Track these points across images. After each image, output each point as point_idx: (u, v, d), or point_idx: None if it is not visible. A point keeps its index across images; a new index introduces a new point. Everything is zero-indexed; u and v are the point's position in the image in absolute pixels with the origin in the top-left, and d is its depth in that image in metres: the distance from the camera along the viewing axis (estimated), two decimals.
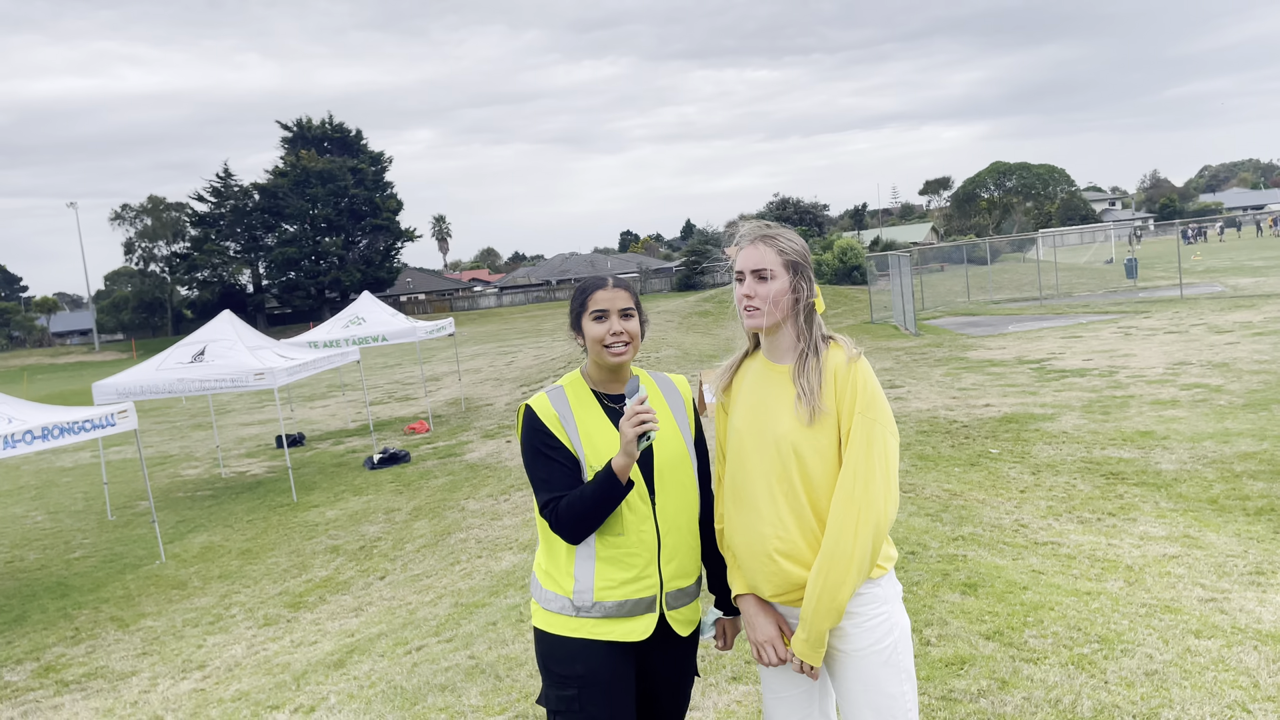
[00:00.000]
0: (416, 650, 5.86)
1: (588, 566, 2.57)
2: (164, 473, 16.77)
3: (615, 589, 2.56)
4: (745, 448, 2.54)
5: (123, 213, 72.09)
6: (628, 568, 2.57)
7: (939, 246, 47.47)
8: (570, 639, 2.57)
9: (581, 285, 2.72)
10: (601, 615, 2.57)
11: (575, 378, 2.71)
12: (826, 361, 2.48)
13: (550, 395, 2.65)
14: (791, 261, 2.51)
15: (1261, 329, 18.31)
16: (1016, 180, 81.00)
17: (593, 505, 2.49)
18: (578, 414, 2.62)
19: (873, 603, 2.46)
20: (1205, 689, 4.07)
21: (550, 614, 2.62)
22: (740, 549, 2.57)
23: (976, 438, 11.27)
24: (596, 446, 2.59)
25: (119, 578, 10.49)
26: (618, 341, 2.60)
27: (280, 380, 13.13)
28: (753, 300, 2.49)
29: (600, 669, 2.55)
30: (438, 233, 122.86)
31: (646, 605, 2.60)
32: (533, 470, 2.60)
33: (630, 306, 2.64)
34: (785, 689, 2.58)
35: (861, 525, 2.38)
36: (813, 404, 2.43)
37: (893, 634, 2.47)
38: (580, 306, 2.65)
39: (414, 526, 10.85)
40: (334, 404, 23.96)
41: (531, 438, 2.60)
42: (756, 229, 2.55)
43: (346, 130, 74.61)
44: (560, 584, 2.60)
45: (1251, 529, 7.26)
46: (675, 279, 69.29)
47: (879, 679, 2.44)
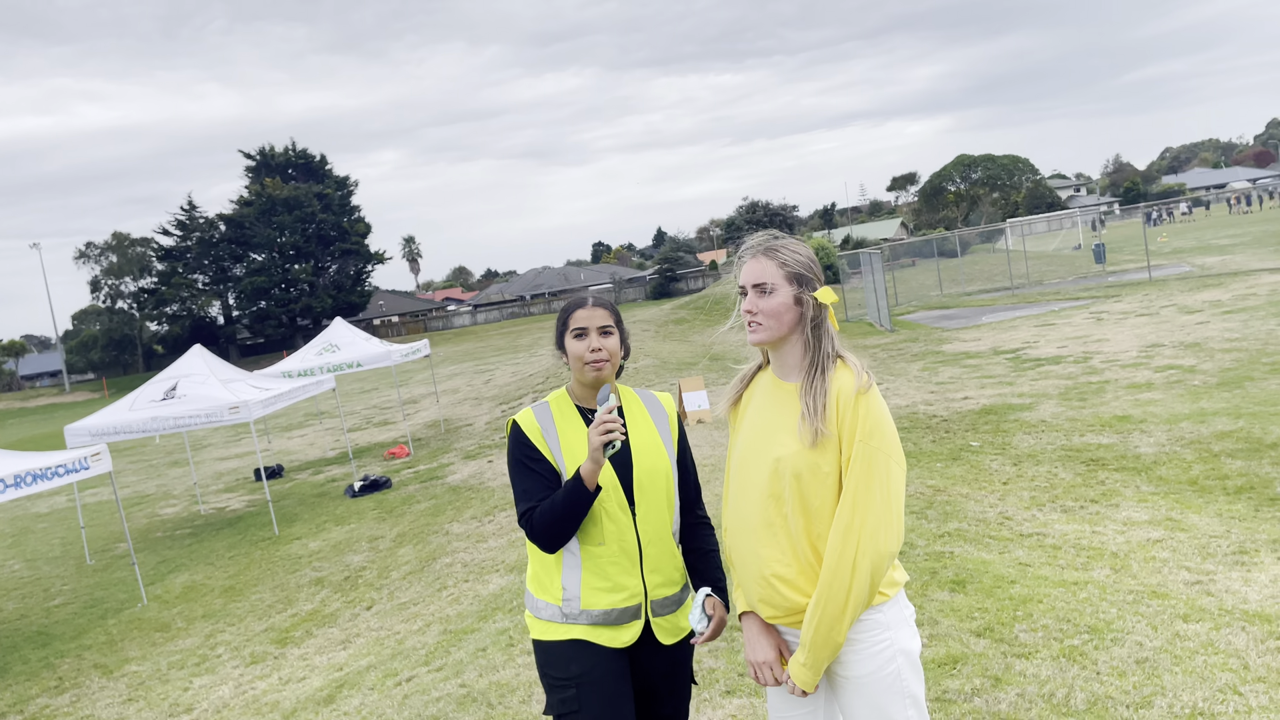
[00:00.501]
0: (406, 681, 5.79)
1: (574, 576, 2.69)
2: (142, 513, 16.56)
3: (601, 597, 2.67)
4: (748, 466, 2.49)
5: (87, 251, 71.36)
6: (611, 577, 2.68)
7: (909, 242, 47.78)
8: (562, 642, 2.68)
9: (565, 305, 2.83)
10: (589, 623, 2.67)
11: (561, 394, 2.83)
12: (833, 382, 2.38)
13: (535, 410, 2.79)
14: (795, 274, 2.42)
15: (1231, 307, 18.52)
16: (982, 172, 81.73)
17: (564, 511, 2.59)
18: (560, 427, 2.74)
19: (874, 629, 2.38)
20: (1196, 674, 4.08)
21: (542, 622, 2.73)
22: (739, 569, 2.53)
23: (957, 431, 11.31)
24: (576, 459, 2.69)
25: (101, 623, 10.33)
26: (596, 357, 2.71)
27: (256, 413, 13.00)
28: (754, 315, 2.42)
29: (594, 668, 2.65)
30: (408, 254, 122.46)
31: (632, 614, 2.70)
32: (515, 481, 2.73)
33: (609, 324, 2.75)
34: (789, 710, 2.54)
35: (860, 559, 2.29)
36: (816, 425, 2.33)
37: (896, 661, 2.38)
38: (563, 325, 2.78)
39: (399, 553, 10.75)
40: (311, 433, 23.76)
41: (515, 450, 2.74)
42: (760, 242, 2.49)
43: (311, 156, 74.24)
44: (550, 592, 2.72)
45: (1232, 508, 7.31)
46: (650, 288, 69.37)
47: (882, 705, 2.38)
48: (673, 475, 2.80)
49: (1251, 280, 22.47)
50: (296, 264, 70.30)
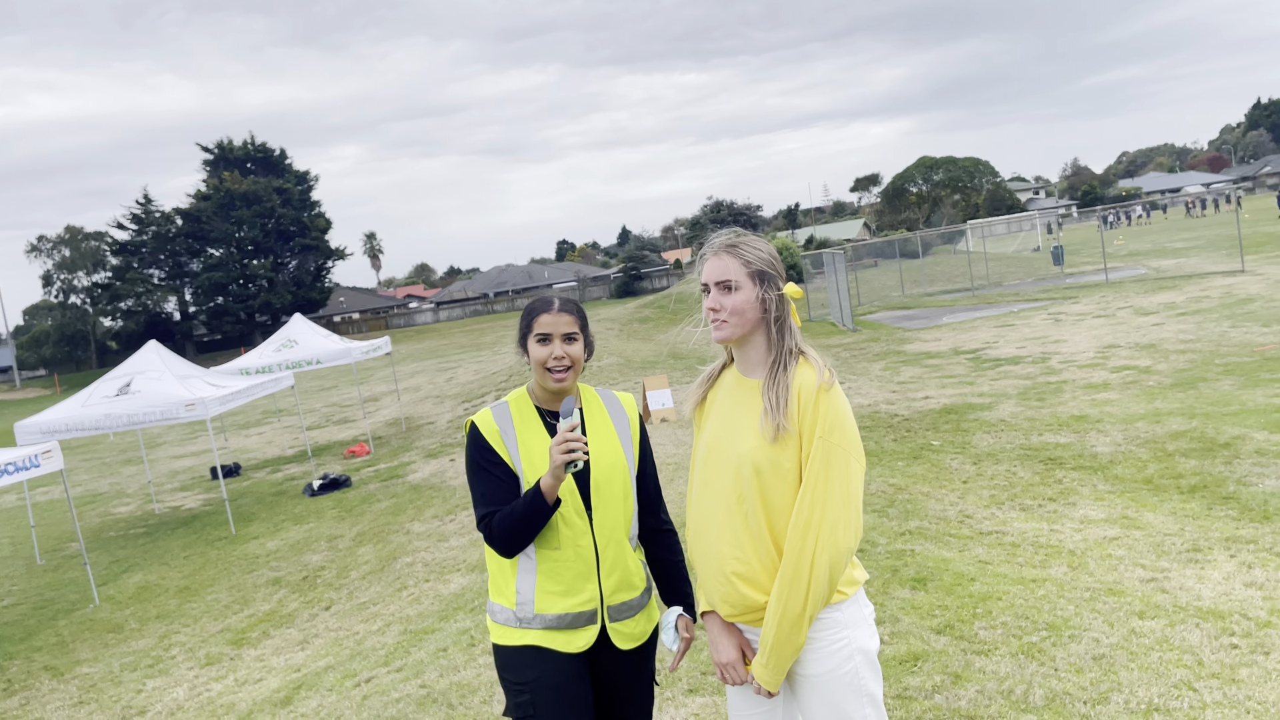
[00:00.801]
0: (366, 682, 5.72)
1: (529, 579, 2.65)
2: (94, 512, 16.24)
3: (555, 602, 2.63)
4: (711, 463, 2.49)
5: (39, 244, 69.86)
6: (566, 582, 2.63)
7: (872, 242, 48.15)
8: (517, 647, 2.64)
9: (529, 306, 2.77)
10: (542, 627, 2.63)
11: (521, 394, 2.78)
12: (795, 378, 2.39)
13: (494, 411, 2.73)
14: (758, 271, 2.43)
15: (1185, 309, 18.86)
16: (943, 174, 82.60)
17: (521, 522, 2.56)
18: (519, 430, 2.69)
19: (832, 628, 2.39)
20: (1152, 670, 4.13)
21: (498, 626, 2.70)
22: (700, 566, 2.52)
23: (918, 430, 11.40)
24: (535, 463, 2.65)
25: (51, 624, 10.11)
26: (559, 366, 2.66)
27: (212, 410, 12.79)
28: (718, 313, 2.43)
29: (550, 673, 2.61)
30: (369, 250, 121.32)
31: (587, 618, 2.65)
32: (473, 485, 2.68)
33: (574, 330, 2.68)
34: (749, 708, 2.53)
35: (819, 555, 2.29)
36: (777, 420, 2.34)
37: (853, 660, 2.38)
38: (526, 328, 2.72)
39: (358, 553, 10.63)
40: (270, 431, 23.46)
41: (473, 453, 2.68)
42: (723, 240, 2.49)
43: (270, 150, 73.31)
44: (505, 596, 2.68)
45: (1186, 507, 7.43)
46: (614, 286, 69.33)
47: (841, 704, 2.38)
48: (631, 479, 2.74)
49: (1205, 283, 22.90)
50: (255, 259, 69.36)
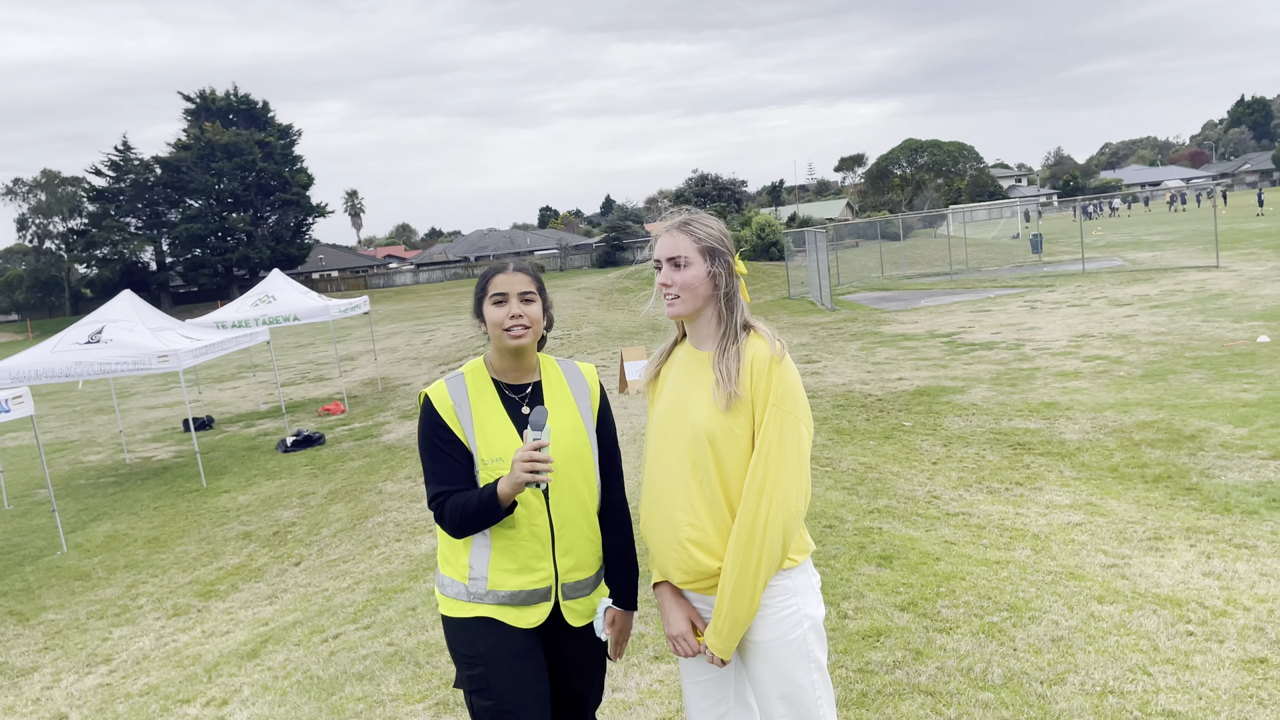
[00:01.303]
0: (333, 638, 5.75)
1: (482, 555, 2.59)
2: (64, 459, 16.13)
3: (509, 579, 2.58)
4: (665, 434, 2.54)
5: (15, 187, 68.73)
6: (520, 559, 2.58)
7: (854, 223, 48.24)
8: (469, 620, 2.59)
9: (484, 271, 2.71)
10: (494, 603, 2.58)
11: (477, 365, 2.70)
12: (745, 349, 2.47)
13: (449, 383, 2.65)
14: (708, 248, 2.50)
15: (1159, 302, 19.06)
16: (928, 157, 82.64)
17: (474, 517, 2.51)
18: (475, 404, 2.61)
19: (782, 595, 2.45)
20: (1108, 653, 4.22)
21: (448, 599, 2.64)
22: (653, 535, 2.56)
23: (891, 411, 11.50)
24: (489, 439, 2.58)
25: (17, 569, 10.07)
26: (516, 324, 2.58)
27: (186, 362, 12.70)
28: (670, 288, 2.50)
29: (501, 646, 2.57)
30: (351, 208, 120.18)
31: (541, 595, 2.60)
32: (425, 460, 2.61)
33: (530, 290, 2.62)
34: (700, 674, 2.60)
35: (772, 518, 2.37)
36: (730, 389, 2.42)
37: (801, 626, 2.46)
38: (481, 291, 2.65)
39: (330, 510, 10.64)
40: (244, 385, 23.32)
41: (426, 428, 2.60)
42: (675, 218, 2.56)
43: (253, 102, 72.25)
44: (456, 570, 2.62)
45: (1150, 496, 7.56)
46: (596, 255, 69.07)
47: (788, 670, 2.45)
48: (592, 456, 2.69)
49: (1180, 277, 23.12)
50: (234, 212, 68.55)
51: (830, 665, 4.17)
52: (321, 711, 4.38)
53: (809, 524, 6.29)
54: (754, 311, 16.61)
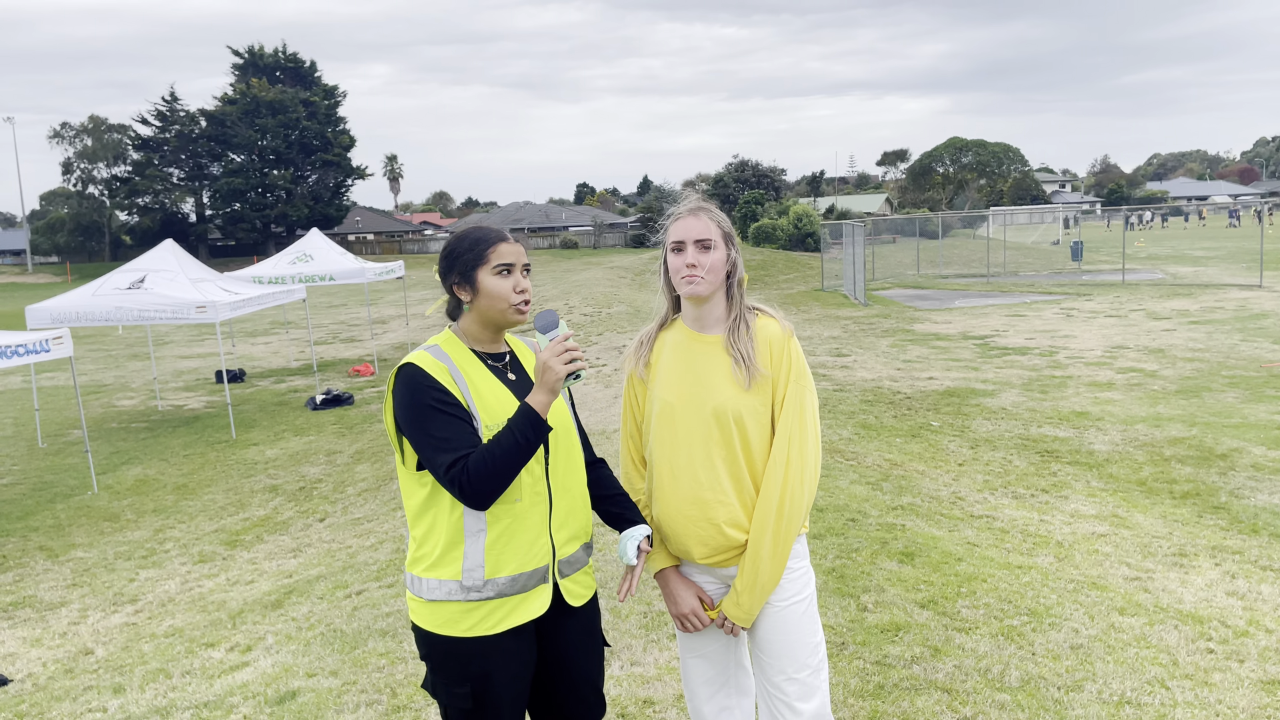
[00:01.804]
0: (357, 594, 5.84)
1: (477, 542, 2.36)
2: (98, 402, 16.40)
3: (507, 563, 2.38)
4: (677, 419, 2.58)
5: (62, 131, 69.48)
6: (519, 538, 2.39)
7: (892, 218, 47.85)
8: (463, 639, 2.36)
9: (474, 234, 2.48)
10: (494, 594, 2.37)
11: (448, 337, 2.50)
12: (759, 330, 2.59)
13: (431, 352, 2.44)
14: (726, 234, 2.62)
15: (1198, 318, 18.82)
16: (972, 156, 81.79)
17: (513, 454, 2.27)
18: (466, 372, 2.43)
19: (795, 558, 2.59)
20: (1127, 664, 4.22)
21: (435, 605, 2.38)
22: (674, 519, 2.58)
23: (919, 409, 11.46)
24: (489, 406, 2.39)
25: (49, 507, 10.28)
26: (523, 299, 2.45)
27: (222, 314, 12.87)
28: (696, 269, 2.55)
29: (499, 664, 2.39)
30: (390, 172, 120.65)
31: (540, 577, 2.43)
32: (428, 430, 2.31)
33: (529, 263, 2.51)
34: (705, 646, 2.68)
35: (798, 487, 2.52)
36: (751, 368, 2.52)
37: (809, 586, 2.62)
38: (477, 259, 2.42)
39: (355, 470, 10.77)
40: (277, 341, 23.57)
41: (422, 395, 2.33)
42: (697, 202, 2.65)
43: (300, 61, 72.57)
44: (444, 569, 2.37)
45: (1177, 512, 7.51)
46: (630, 235, 69.00)
47: (800, 628, 2.57)
48: (573, 420, 2.59)
49: (1221, 294, 22.81)
50: (276, 169, 69.01)
51: (848, 656, 4.20)
52: (345, 664, 4.46)
53: (832, 515, 6.31)
54: (786, 302, 16.52)
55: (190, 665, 5.08)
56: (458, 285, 2.46)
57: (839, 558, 5.46)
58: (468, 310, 2.48)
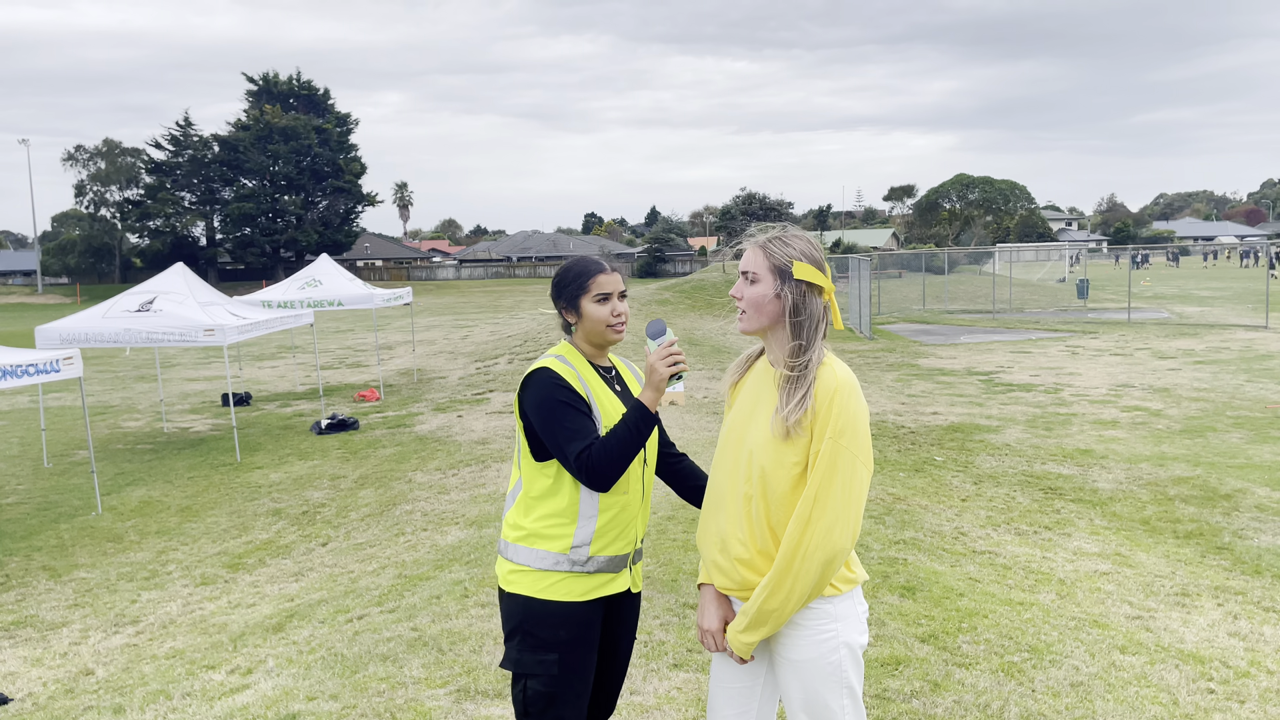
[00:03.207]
0: (358, 619, 5.85)
1: (589, 525, 2.68)
2: (104, 423, 16.46)
3: (610, 544, 2.71)
4: (727, 446, 2.59)
5: (76, 153, 70.18)
6: (622, 524, 2.73)
7: (899, 253, 47.99)
8: (560, 603, 2.66)
9: (578, 268, 2.81)
10: (595, 569, 2.69)
11: (570, 349, 2.82)
12: (820, 383, 2.42)
13: (560, 361, 2.77)
14: (779, 267, 2.47)
15: (1203, 357, 18.81)
16: (979, 193, 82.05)
17: (630, 443, 2.57)
18: (587, 379, 2.76)
19: (822, 619, 2.46)
20: (1127, 703, 4.22)
21: (540, 574, 2.68)
22: (704, 543, 2.62)
23: (922, 444, 11.47)
24: (605, 408, 2.73)
25: (53, 526, 10.30)
26: (620, 322, 2.77)
27: (230, 338, 12.94)
28: (739, 301, 2.53)
29: (583, 632, 2.68)
30: (399, 199, 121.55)
31: (628, 560, 2.78)
32: (560, 422, 2.62)
33: (625, 289, 2.83)
34: (732, 681, 2.63)
35: (813, 552, 2.35)
36: (786, 418, 2.39)
37: (839, 652, 2.46)
38: (580, 289, 2.76)
39: (359, 495, 10.78)
40: (283, 365, 23.65)
41: (554, 392, 2.65)
42: (759, 233, 2.56)
43: (314, 88, 73.37)
44: (553, 542, 2.68)
45: (1180, 551, 7.50)
46: (637, 265, 69.26)
47: (819, 691, 2.46)
48: (656, 432, 2.95)
49: (1226, 334, 22.81)
50: (286, 195, 69.58)
51: None
52: (345, 688, 4.47)
53: None
54: None
55: (191, 687, 5.09)
56: (565, 310, 2.81)
57: None
58: (575, 330, 2.82)
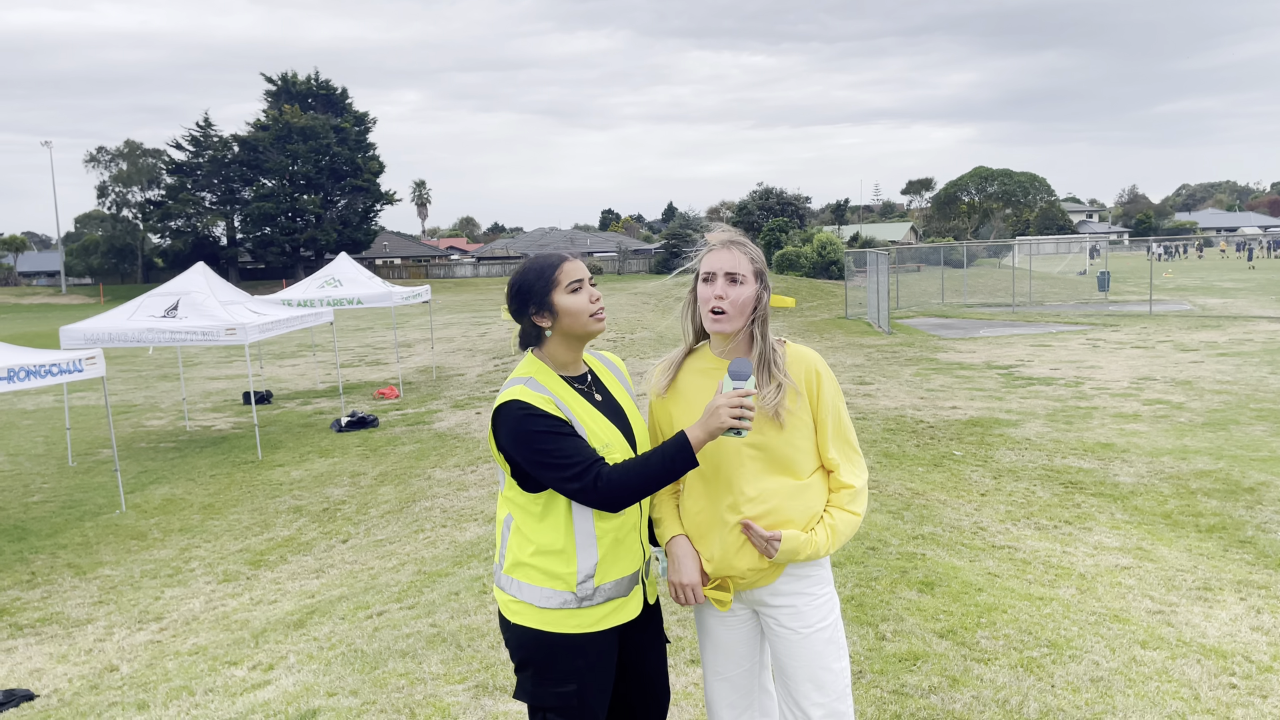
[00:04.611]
0: (378, 615, 5.89)
1: (591, 553, 2.50)
2: (127, 422, 16.62)
3: (613, 569, 2.53)
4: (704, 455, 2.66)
5: (98, 155, 70.77)
6: (624, 545, 2.56)
7: (917, 247, 47.77)
8: (574, 635, 2.49)
9: (538, 265, 2.59)
10: (603, 600, 2.51)
11: (540, 367, 2.58)
12: (795, 364, 2.63)
13: (529, 386, 2.52)
14: (758, 270, 2.62)
15: (1226, 349, 18.64)
16: (998, 186, 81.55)
17: (657, 476, 2.40)
18: (564, 398, 2.53)
19: (820, 583, 2.62)
20: (1148, 698, 4.19)
21: (548, 612, 2.49)
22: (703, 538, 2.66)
23: (941, 439, 11.42)
24: (593, 433, 2.51)
25: (78, 525, 10.42)
26: (600, 309, 2.60)
27: (252, 336, 13.04)
28: (723, 302, 2.56)
29: (601, 659, 2.54)
30: (417, 198, 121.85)
31: (635, 579, 2.60)
32: (551, 454, 2.41)
33: (591, 276, 2.64)
34: (729, 669, 2.71)
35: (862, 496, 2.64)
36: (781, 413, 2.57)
37: (834, 612, 2.65)
38: (548, 285, 2.54)
39: (379, 492, 10.85)
40: (304, 364, 23.80)
41: (530, 424, 2.43)
42: (730, 234, 2.66)
43: (332, 88, 73.63)
44: (557, 578, 2.49)
45: (1202, 545, 7.44)
46: (654, 261, 69.21)
47: (822, 654, 2.59)
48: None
49: (1250, 326, 22.58)
50: (306, 194, 69.89)
51: (865, 685, 4.20)
52: (364, 684, 4.51)
53: (852, 543, 6.31)
54: (809, 329, 16.52)
55: (213, 683, 5.14)
56: (536, 314, 2.57)
57: (858, 586, 5.46)
58: (550, 335, 2.59)
